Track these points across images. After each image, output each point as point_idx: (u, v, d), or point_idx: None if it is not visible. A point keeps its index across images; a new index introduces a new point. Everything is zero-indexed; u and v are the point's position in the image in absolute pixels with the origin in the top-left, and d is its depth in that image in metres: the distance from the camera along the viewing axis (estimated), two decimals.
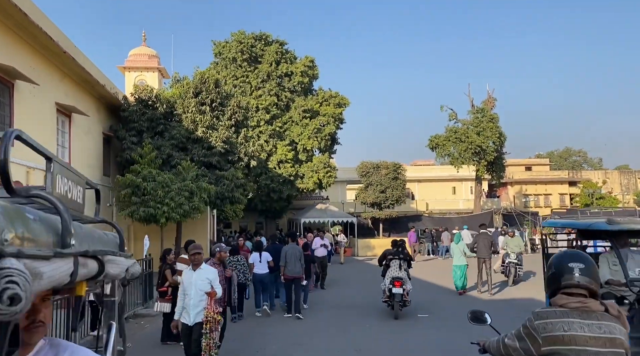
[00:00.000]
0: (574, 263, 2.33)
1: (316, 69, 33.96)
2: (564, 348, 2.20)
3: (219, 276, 6.72)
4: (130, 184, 15.93)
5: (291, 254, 10.80)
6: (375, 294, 13.48)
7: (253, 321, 10.82)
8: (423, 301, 12.23)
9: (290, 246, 11.17)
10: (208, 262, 6.68)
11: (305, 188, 31.26)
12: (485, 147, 33.96)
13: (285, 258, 10.76)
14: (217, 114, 19.63)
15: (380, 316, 10.76)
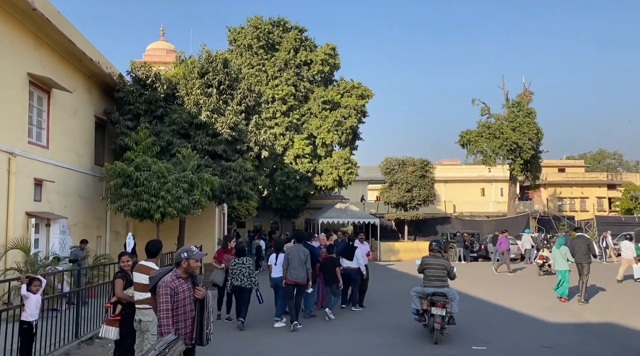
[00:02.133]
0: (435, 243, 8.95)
1: (337, 58, 31.51)
2: (427, 265, 8.56)
3: (182, 293, 4.30)
4: (120, 173, 13.70)
5: (295, 257, 9.52)
6: (406, 311, 10.99)
7: (251, 332, 8.50)
8: (475, 324, 9.64)
9: (294, 247, 9.80)
10: (170, 275, 4.27)
11: (323, 185, 28.79)
12: (522, 144, 31.01)
13: (288, 260, 9.57)
14: (225, 98, 17.31)
15: (416, 343, 8.22)
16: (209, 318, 4.40)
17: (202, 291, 4.34)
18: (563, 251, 12.64)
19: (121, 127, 15.64)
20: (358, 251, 11.17)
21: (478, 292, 13.99)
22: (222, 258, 10.61)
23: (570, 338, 8.61)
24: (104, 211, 16.11)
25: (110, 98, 16.49)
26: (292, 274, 9.43)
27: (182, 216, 14.55)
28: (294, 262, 9.43)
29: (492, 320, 10.23)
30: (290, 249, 9.66)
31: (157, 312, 4.15)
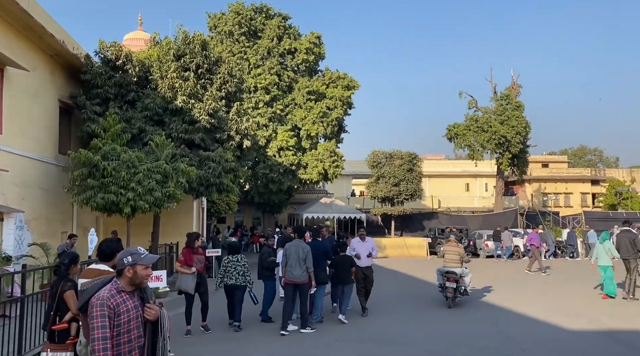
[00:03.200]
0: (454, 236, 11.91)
1: (322, 48, 30.35)
2: (447, 251, 11.12)
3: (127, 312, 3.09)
4: (85, 162, 12.34)
5: (293, 253, 8.59)
6: (406, 319, 9.97)
7: (246, 335, 7.36)
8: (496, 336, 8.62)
9: (294, 243, 8.82)
10: (109, 288, 3.03)
11: (308, 178, 27.68)
12: (510, 138, 30.33)
13: (286, 257, 8.68)
14: (203, 83, 16.01)
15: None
16: (165, 346, 3.20)
17: (154, 309, 3.15)
18: (607, 246, 12.12)
19: (88, 112, 14.23)
20: (360, 247, 10.12)
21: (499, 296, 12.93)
22: (192, 261, 8.76)
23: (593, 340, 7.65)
24: (69, 204, 14.71)
25: (76, 81, 15.04)
26: (289, 272, 8.58)
27: (155, 210, 13.24)
28: (291, 259, 8.55)
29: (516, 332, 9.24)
30: (288, 246, 8.79)
31: (90, 340, 2.93)
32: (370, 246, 10.24)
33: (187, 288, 8.69)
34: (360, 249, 10.09)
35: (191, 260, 8.75)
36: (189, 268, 8.69)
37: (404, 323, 9.50)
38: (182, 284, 8.74)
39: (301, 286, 8.63)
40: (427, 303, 11.80)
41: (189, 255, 8.80)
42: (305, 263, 8.51)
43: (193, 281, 8.69)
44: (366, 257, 10.09)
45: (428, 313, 10.52)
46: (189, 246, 8.92)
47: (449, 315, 10.41)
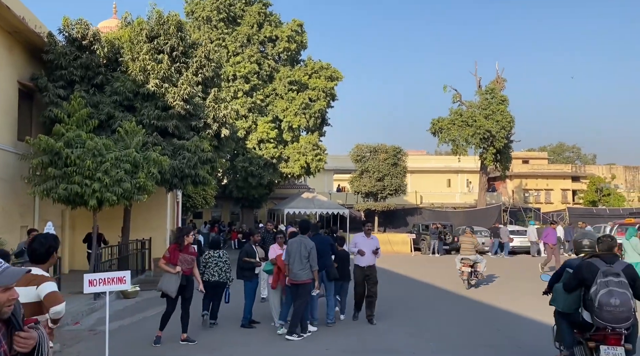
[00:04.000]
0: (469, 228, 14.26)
1: (305, 36, 29.33)
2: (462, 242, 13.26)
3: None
4: (46, 149, 11.17)
5: (295, 251, 7.86)
6: (406, 328, 9.15)
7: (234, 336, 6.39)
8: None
9: (297, 239, 8.08)
10: None
11: (290, 173, 26.70)
12: (495, 132, 29.86)
13: (289, 254, 7.99)
14: (178, 66, 14.90)
15: None
16: None
17: (29, 338, 2.11)
18: (634, 242, 11.77)
19: (50, 95, 13.00)
20: (364, 243, 9.05)
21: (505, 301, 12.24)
22: (177, 259, 7.59)
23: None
24: (30, 196, 13.44)
25: (38, 61, 13.76)
26: (292, 271, 7.88)
27: (124, 203, 12.12)
28: (293, 257, 7.84)
29: None
30: (291, 242, 8.10)
31: None
32: (376, 244, 9.09)
33: (168, 290, 7.51)
34: (364, 246, 8.94)
35: (175, 259, 7.55)
36: (173, 267, 7.49)
37: (403, 328, 8.67)
38: (163, 285, 7.57)
39: (302, 286, 7.81)
40: (423, 303, 11.04)
41: (174, 253, 7.63)
42: (308, 261, 7.75)
43: (176, 283, 7.49)
44: (371, 253, 8.92)
45: (426, 315, 9.74)
46: (177, 242, 7.82)
47: (448, 316, 9.66)
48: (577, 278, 4.78)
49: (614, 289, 4.42)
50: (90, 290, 5.86)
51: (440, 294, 12.57)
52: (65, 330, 8.47)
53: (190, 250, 7.80)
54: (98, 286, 5.81)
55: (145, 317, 9.85)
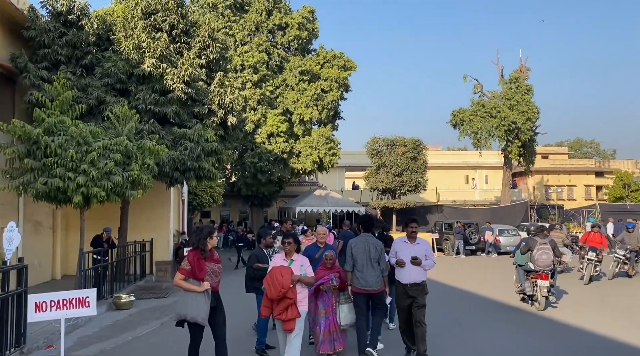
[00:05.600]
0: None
1: (316, 24, 27.58)
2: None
3: None
4: (22, 137, 9.54)
5: (362, 252, 6.43)
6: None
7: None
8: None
9: (361, 238, 6.64)
10: None
11: (302, 168, 24.96)
12: (521, 124, 27.89)
13: (353, 257, 6.46)
14: (179, 47, 13.23)
15: None
16: None
17: None
18: None
19: (31, 77, 11.35)
20: (406, 251, 6.40)
21: None
22: (203, 271, 5.21)
23: None
24: (14, 193, 11.82)
25: (19, 39, 12.13)
26: (359, 278, 6.40)
27: (115, 199, 10.40)
28: (361, 260, 6.41)
29: None
30: (354, 243, 6.59)
31: None
32: (424, 251, 6.40)
33: (197, 316, 5.10)
34: (406, 254, 6.33)
35: (202, 271, 5.17)
36: (198, 284, 5.15)
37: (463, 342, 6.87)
38: (188, 310, 5.12)
39: (377, 296, 6.50)
40: (473, 320, 9.19)
41: (198, 263, 5.19)
42: (379, 265, 6.42)
43: (205, 305, 5.14)
44: (414, 267, 6.28)
45: (489, 341, 7.87)
46: (198, 247, 5.30)
47: (515, 338, 7.81)
48: (527, 246, 9.99)
49: (544, 251, 9.63)
50: (37, 317, 4.16)
51: (489, 306, 10.64)
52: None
53: (216, 256, 5.46)
54: (49, 312, 4.11)
55: (135, 337, 8.13)
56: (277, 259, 5.92)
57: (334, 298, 6.36)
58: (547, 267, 9.52)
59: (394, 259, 6.47)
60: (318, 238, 7.09)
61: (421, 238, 6.46)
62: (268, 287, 5.46)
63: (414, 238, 6.49)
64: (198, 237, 5.28)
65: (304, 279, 5.68)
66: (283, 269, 5.50)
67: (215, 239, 5.47)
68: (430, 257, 6.41)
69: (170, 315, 9.92)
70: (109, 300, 10.93)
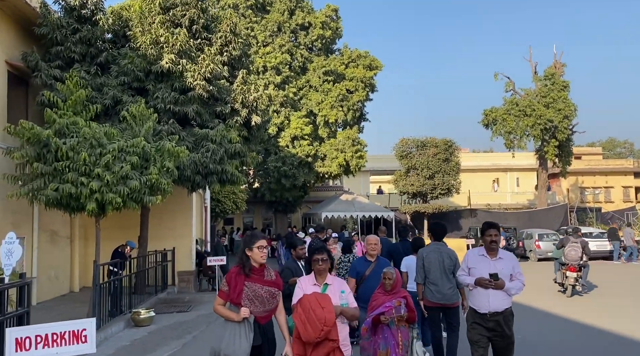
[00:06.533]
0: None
1: (340, 22, 26.64)
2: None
3: None
4: (31, 139, 8.76)
5: (435, 262, 5.90)
6: None
7: None
8: None
9: (432, 248, 6.08)
10: None
11: (327, 172, 23.94)
12: (558, 122, 26.38)
13: (424, 268, 5.94)
14: (199, 44, 12.39)
15: None
16: None
17: None
18: None
19: (43, 76, 10.62)
20: (483, 267, 4.86)
21: None
22: (240, 292, 3.83)
23: None
24: (28, 201, 11.06)
25: (31, 37, 11.45)
26: (433, 291, 5.84)
27: (132, 206, 9.50)
28: (434, 271, 5.87)
29: None
30: (426, 252, 6.02)
31: None
32: (509, 268, 4.83)
33: (231, 353, 3.77)
34: (485, 273, 4.76)
35: (237, 293, 3.81)
36: (236, 311, 3.81)
37: None
38: (222, 346, 3.80)
39: (453, 310, 5.90)
40: (554, 341, 8.01)
41: (235, 281, 3.86)
42: (454, 276, 5.78)
43: (245, 341, 3.78)
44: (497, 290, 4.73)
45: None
46: (240, 263, 3.93)
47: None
48: (561, 243, 12.35)
49: (573, 248, 11.67)
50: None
51: (557, 322, 9.47)
52: None
53: (269, 276, 3.93)
54: (34, 351, 3.15)
55: None
56: (305, 284, 4.13)
57: (400, 334, 4.65)
58: (575, 261, 11.57)
59: (469, 279, 4.87)
60: (368, 249, 5.82)
61: (503, 250, 5.08)
62: (302, 326, 3.76)
63: (495, 250, 4.83)
64: (245, 245, 3.94)
65: (348, 312, 4.00)
66: (321, 298, 3.84)
67: (258, 251, 3.84)
68: (518, 276, 4.81)
69: (194, 333, 9.01)
70: (127, 315, 10.06)
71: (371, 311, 4.71)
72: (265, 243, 3.89)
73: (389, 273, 4.87)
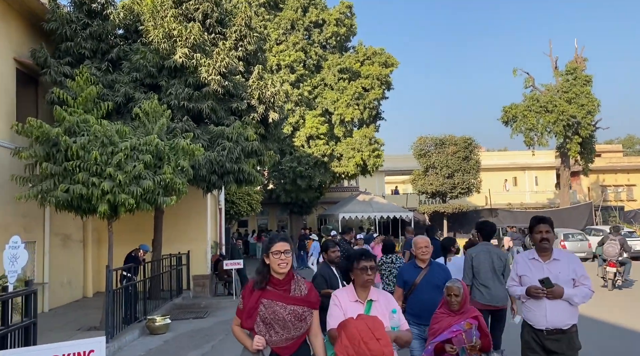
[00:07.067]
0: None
1: (354, 19, 26.06)
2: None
3: None
4: (39, 138, 8.32)
5: (484, 263, 5.56)
6: None
7: None
8: None
9: (481, 247, 5.71)
10: None
11: (344, 172, 23.35)
12: (581, 118, 25.51)
13: (473, 269, 5.57)
14: (214, 39, 11.90)
15: None
16: None
17: None
18: None
19: (52, 73, 10.19)
20: (535, 271, 4.02)
21: None
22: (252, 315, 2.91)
23: None
24: (38, 204, 10.63)
25: (40, 34, 11.04)
26: (484, 292, 5.52)
27: (146, 208, 8.99)
28: (484, 272, 5.56)
29: None
30: (475, 253, 5.66)
31: None
32: (569, 272, 3.95)
33: None
34: (535, 277, 3.95)
35: (249, 316, 2.91)
36: (249, 338, 2.93)
37: None
38: None
39: (499, 312, 5.60)
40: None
41: (248, 297, 2.97)
42: (504, 277, 5.54)
43: None
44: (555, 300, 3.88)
45: None
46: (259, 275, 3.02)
47: None
48: (602, 241, 13.28)
49: (611, 245, 12.52)
50: None
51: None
52: None
53: (297, 291, 2.97)
54: None
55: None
56: (343, 299, 3.17)
57: None
58: (613, 257, 12.39)
59: (520, 289, 4.05)
60: (417, 253, 4.72)
61: (561, 249, 4.38)
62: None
63: (548, 251, 4.00)
64: (266, 247, 3.01)
65: (402, 338, 3.09)
66: (374, 324, 2.89)
67: (274, 258, 2.87)
68: (583, 281, 3.91)
69: (212, 343, 8.48)
70: (142, 322, 9.57)
71: (433, 338, 3.72)
72: (283, 246, 2.90)
73: (454, 288, 3.76)
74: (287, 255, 2.88)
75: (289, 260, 2.89)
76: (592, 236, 21.89)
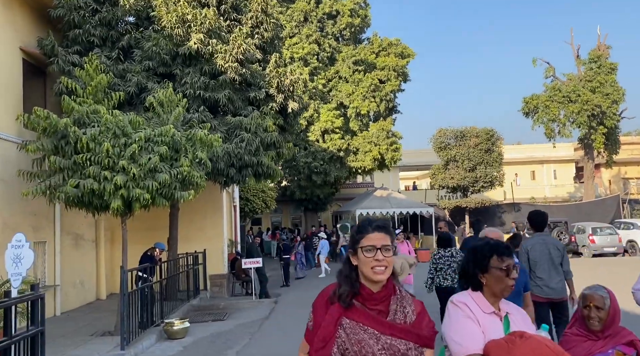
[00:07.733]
0: None
1: (368, 10, 25.31)
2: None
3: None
4: (47, 130, 7.73)
5: (542, 254, 5.26)
6: None
7: None
8: None
9: (537, 239, 5.41)
10: None
11: (360, 166, 22.64)
12: (606, 108, 24.54)
13: (529, 260, 5.27)
14: (229, 25, 11.25)
15: None
16: None
17: None
18: None
19: (60, 62, 9.61)
20: None
21: None
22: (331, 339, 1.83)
23: None
24: (47, 201, 10.05)
25: (46, 22, 10.47)
26: (541, 285, 5.27)
27: (162, 203, 8.36)
28: (541, 264, 5.31)
29: None
30: (531, 245, 5.41)
31: None
32: None
33: None
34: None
35: (323, 343, 1.83)
36: None
37: None
38: None
39: (561, 304, 5.40)
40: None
41: (320, 315, 1.89)
42: (563, 268, 5.34)
43: None
44: None
45: None
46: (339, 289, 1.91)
47: None
48: None
49: None
50: None
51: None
52: None
53: (399, 314, 1.85)
54: None
55: None
56: (475, 309, 2.17)
57: None
58: None
59: None
60: None
61: None
62: None
63: None
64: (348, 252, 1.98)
65: None
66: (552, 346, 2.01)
67: (366, 257, 1.84)
68: None
69: (236, 348, 7.84)
70: (159, 326, 8.98)
71: None
72: (380, 239, 1.86)
73: (595, 297, 2.66)
74: (386, 254, 1.83)
75: (390, 262, 1.85)
76: (622, 230, 21.06)
